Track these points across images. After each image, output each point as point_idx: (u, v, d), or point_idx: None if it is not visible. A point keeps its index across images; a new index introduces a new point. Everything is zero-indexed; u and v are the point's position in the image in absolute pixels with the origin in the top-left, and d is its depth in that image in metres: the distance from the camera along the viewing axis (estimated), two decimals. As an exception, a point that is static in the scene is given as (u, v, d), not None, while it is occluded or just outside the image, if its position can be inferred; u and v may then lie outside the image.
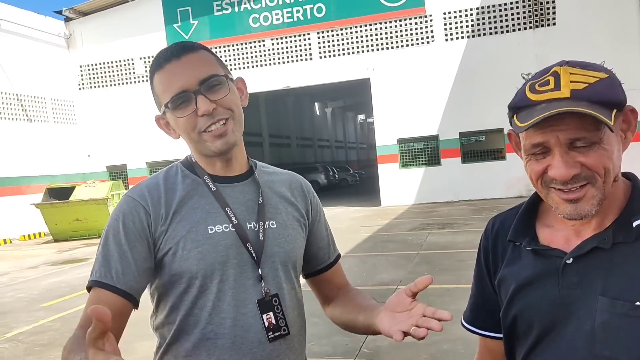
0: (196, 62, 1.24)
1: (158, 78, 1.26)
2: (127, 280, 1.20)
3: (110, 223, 1.25)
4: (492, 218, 1.27)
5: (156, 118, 1.33)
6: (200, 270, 1.22)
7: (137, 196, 1.27)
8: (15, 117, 18.94)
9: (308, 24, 20.00)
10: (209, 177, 1.30)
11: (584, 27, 17.06)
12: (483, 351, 1.33)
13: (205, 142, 1.25)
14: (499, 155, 18.72)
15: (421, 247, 9.91)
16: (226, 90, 1.25)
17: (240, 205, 1.30)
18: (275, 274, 1.30)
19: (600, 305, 1.00)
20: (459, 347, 4.62)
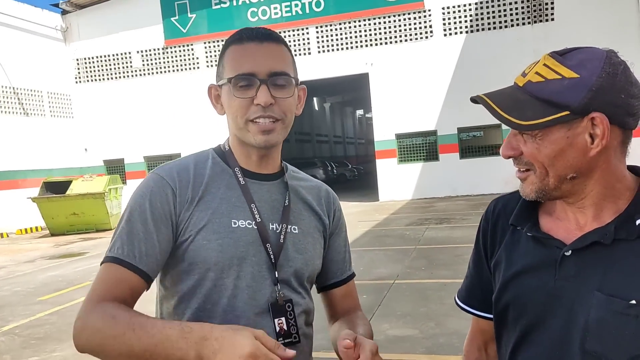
0: (275, 53, 1.23)
1: (233, 50, 1.23)
2: (149, 262, 1.16)
3: (137, 200, 1.20)
4: (494, 200, 1.25)
5: (210, 86, 1.31)
6: (219, 262, 1.19)
7: (166, 175, 1.23)
8: (12, 110, 18.86)
9: (306, 18, 19.95)
10: (239, 170, 1.28)
11: (583, 22, 17.05)
12: (475, 331, 1.32)
13: (248, 131, 1.22)
14: (497, 151, 18.64)
15: (419, 242, 9.92)
16: (290, 92, 1.24)
17: (266, 204, 1.27)
18: (290, 279, 1.27)
19: (597, 301, 0.99)
20: (454, 340, 4.63)
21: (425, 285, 6.71)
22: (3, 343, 5.62)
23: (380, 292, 6.45)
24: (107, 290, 1.12)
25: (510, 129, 1.12)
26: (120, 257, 1.15)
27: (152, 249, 1.16)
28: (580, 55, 1.00)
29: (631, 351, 0.96)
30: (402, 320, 5.39)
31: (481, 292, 1.25)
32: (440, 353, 4.47)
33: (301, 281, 1.30)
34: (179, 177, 1.23)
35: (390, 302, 6.06)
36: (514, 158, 1.05)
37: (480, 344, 1.31)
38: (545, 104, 0.98)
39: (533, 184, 1.04)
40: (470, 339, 1.34)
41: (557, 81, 0.98)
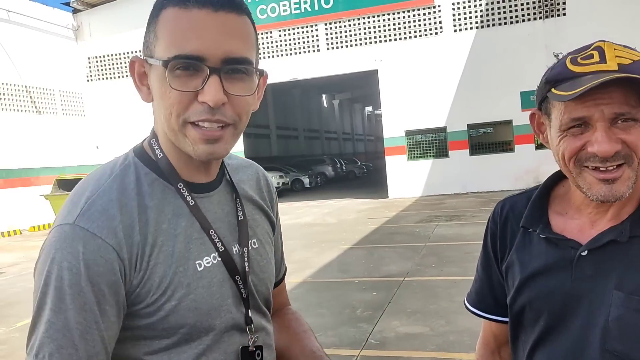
0: (235, 29, 0.87)
1: (173, 17, 0.86)
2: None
3: (63, 277, 0.81)
4: (501, 201, 1.23)
5: (133, 60, 0.93)
6: (196, 323, 0.91)
7: (101, 230, 0.84)
8: (24, 109, 19.04)
9: (316, 15, 19.92)
10: (184, 185, 0.94)
11: (595, 17, 16.86)
12: (488, 335, 1.31)
13: (185, 137, 0.88)
14: (508, 147, 18.62)
15: (428, 239, 9.90)
16: (250, 88, 0.90)
17: (222, 223, 0.98)
18: (258, 308, 1.03)
19: (615, 299, 0.98)
20: (465, 338, 4.62)
21: (435, 283, 6.70)
22: (17, 339, 5.69)
23: (390, 290, 6.45)
24: None
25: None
26: None
27: (98, 345, 0.83)
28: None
29: None
30: (412, 318, 5.39)
31: (491, 295, 1.23)
32: (450, 350, 4.47)
33: (268, 303, 1.09)
34: (120, 226, 0.86)
35: (400, 300, 6.06)
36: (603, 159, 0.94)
37: (494, 347, 1.30)
38: None
39: (629, 179, 0.96)
40: (483, 343, 1.32)
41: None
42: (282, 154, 33.09)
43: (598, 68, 0.94)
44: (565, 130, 0.98)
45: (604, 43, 0.97)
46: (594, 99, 0.93)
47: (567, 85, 0.95)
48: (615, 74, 0.91)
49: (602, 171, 0.96)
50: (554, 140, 1.02)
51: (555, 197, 1.14)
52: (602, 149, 0.93)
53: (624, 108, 0.93)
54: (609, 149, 0.93)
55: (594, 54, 0.96)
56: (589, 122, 0.95)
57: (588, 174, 0.98)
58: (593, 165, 0.96)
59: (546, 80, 1.01)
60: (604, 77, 0.90)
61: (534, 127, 1.11)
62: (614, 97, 0.92)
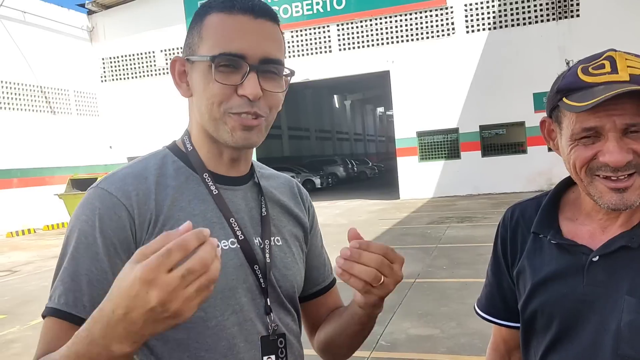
0: (271, 34, 1.00)
1: (219, 20, 0.97)
2: None
3: (80, 228, 0.92)
4: (511, 207, 1.24)
5: (174, 60, 1.04)
6: (209, 299, 0.90)
7: (116, 191, 0.95)
8: (39, 109, 19.27)
9: (328, 16, 19.95)
10: (209, 176, 1.03)
11: (609, 19, 16.71)
12: (497, 341, 1.32)
13: (225, 124, 0.98)
14: (520, 149, 18.50)
15: (440, 240, 9.87)
16: (281, 85, 1.02)
17: (244, 215, 1.05)
18: (281, 302, 1.07)
19: (627, 305, 0.99)
20: (476, 340, 4.61)
21: (446, 285, 6.68)
22: (31, 337, 5.76)
23: (401, 291, 6.44)
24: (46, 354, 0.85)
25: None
26: (62, 308, 0.89)
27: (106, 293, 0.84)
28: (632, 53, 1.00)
29: None
30: (423, 320, 5.38)
31: (502, 300, 1.23)
32: (461, 353, 4.46)
33: (294, 301, 1.11)
34: (135, 192, 0.96)
35: (411, 302, 6.05)
36: (614, 169, 0.95)
37: (503, 352, 1.30)
38: None
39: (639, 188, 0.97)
40: (493, 348, 1.33)
41: None
42: (293, 154, 33.14)
43: (610, 79, 0.95)
44: (576, 139, 0.99)
45: (615, 53, 0.98)
46: (606, 110, 0.93)
47: (579, 96, 0.96)
48: (627, 84, 0.92)
49: (614, 180, 0.97)
50: (565, 149, 1.03)
51: (565, 203, 1.15)
52: (613, 159, 0.94)
53: (635, 119, 0.94)
54: (621, 159, 0.94)
55: (605, 63, 0.97)
56: (600, 132, 0.96)
57: (599, 183, 0.99)
58: (604, 174, 0.97)
59: (557, 89, 1.01)
60: (617, 89, 0.91)
61: (544, 134, 1.12)
62: (626, 108, 0.93)
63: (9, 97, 18.15)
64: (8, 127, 17.76)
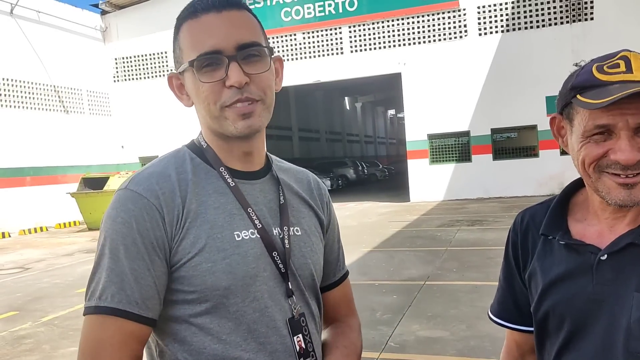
0: (239, 21, 1.03)
1: (188, 28, 1.04)
2: (153, 305, 0.98)
3: (118, 230, 0.98)
4: (521, 212, 1.25)
5: (169, 76, 1.11)
6: (230, 286, 1.01)
7: (146, 192, 1.00)
8: (52, 108, 19.47)
9: (339, 18, 19.96)
10: (225, 170, 1.08)
11: (622, 22, 16.57)
12: (511, 345, 1.32)
13: (226, 119, 1.03)
14: (532, 153, 18.37)
15: (450, 243, 9.83)
16: (265, 65, 1.04)
17: (262, 206, 1.10)
18: (301, 289, 1.12)
19: (637, 301, 0.99)
20: (486, 343, 4.58)
21: (456, 287, 6.65)
22: (42, 333, 5.82)
23: (410, 293, 6.42)
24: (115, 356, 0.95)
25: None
26: (118, 307, 0.95)
27: (151, 289, 0.98)
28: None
29: None
30: (433, 322, 5.36)
31: (514, 305, 1.24)
32: (471, 356, 4.43)
33: (313, 288, 1.16)
34: (161, 191, 1.01)
35: (420, 303, 6.03)
36: (624, 167, 0.97)
37: (517, 356, 1.31)
38: None
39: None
40: (507, 352, 1.33)
41: None
42: (303, 155, 33.17)
43: (625, 78, 0.96)
44: (588, 136, 1.00)
45: (630, 53, 0.99)
46: (620, 109, 0.94)
47: (593, 93, 0.97)
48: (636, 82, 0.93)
49: (622, 177, 0.98)
50: (575, 145, 1.04)
51: (574, 205, 1.16)
52: (625, 157, 0.95)
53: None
54: (633, 158, 0.95)
55: (620, 63, 0.98)
56: (612, 130, 0.97)
57: (607, 179, 1.00)
58: (613, 171, 0.98)
59: (572, 86, 1.02)
60: (633, 88, 0.92)
61: (554, 131, 1.13)
62: (639, 107, 0.94)
63: (23, 96, 18.35)
64: (22, 125, 17.96)
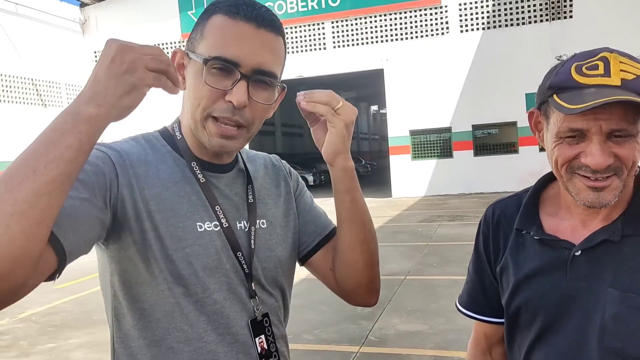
0: (270, 46, 1.01)
1: (222, 24, 0.99)
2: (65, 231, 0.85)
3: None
4: (492, 205, 1.26)
5: (175, 51, 1.05)
6: (190, 276, 1.00)
7: (109, 150, 1.00)
8: (30, 101, 19.12)
9: (322, 13, 19.92)
10: (197, 164, 1.06)
11: (602, 20, 16.81)
12: (479, 336, 1.33)
13: (204, 129, 1.01)
14: (512, 149, 18.59)
15: (431, 238, 9.92)
16: (270, 98, 1.04)
17: (228, 201, 1.09)
18: (264, 286, 1.10)
19: (611, 297, 1.00)
20: (464, 336, 4.64)
21: (436, 282, 6.72)
22: (20, 330, 5.74)
23: (391, 288, 6.47)
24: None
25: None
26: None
27: (83, 217, 0.87)
28: (625, 52, 1.00)
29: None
30: (412, 316, 5.42)
31: (484, 297, 1.25)
32: (449, 349, 4.49)
33: (277, 283, 1.14)
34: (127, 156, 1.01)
35: (400, 298, 6.08)
36: (594, 170, 0.97)
37: (485, 347, 1.32)
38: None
39: (616, 189, 0.99)
40: (475, 344, 1.35)
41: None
42: (286, 151, 33.09)
43: (601, 82, 0.95)
44: (562, 137, 1.01)
45: (610, 54, 0.98)
46: (594, 114, 0.94)
47: (569, 95, 0.97)
48: (617, 90, 0.93)
49: (592, 180, 0.99)
50: (549, 144, 1.05)
51: (545, 199, 1.16)
52: (595, 161, 0.96)
53: (621, 124, 0.95)
54: (602, 162, 0.96)
55: (599, 64, 0.97)
56: (585, 134, 0.98)
57: (578, 180, 1.01)
58: (584, 174, 0.99)
59: (550, 85, 1.02)
60: (608, 97, 0.91)
61: (532, 125, 1.14)
62: (613, 113, 0.94)
63: (0, 89, 17.99)
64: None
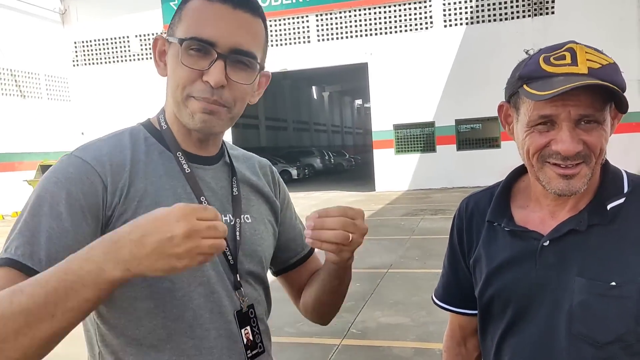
0: (247, 26, 1.01)
1: (198, 6, 1.00)
2: None
3: (48, 188, 0.93)
4: (465, 198, 1.28)
5: (156, 38, 1.07)
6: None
7: (92, 159, 0.97)
8: (8, 92, 18.77)
9: (307, 6, 19.83)
10: (182, 155, 1.06)
11: (583, 17, 17.00)
12: (454, 328, 1.36)
13: (186, 107, 1.01)
14: (495, 144, 18.75)
15: (413, 232, 9.98)
16: (249, 78, 1.03)
17: (214, 194, 1.09)
18: (248, 279, 1.11)
19: (578, 285, 1.03)
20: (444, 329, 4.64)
21: (418, 275, 6.77)
22: None
23: (373, 281, 6.50)
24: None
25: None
26: (18, 259, 0.87)
27: (63, 251, 0.87)
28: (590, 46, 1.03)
29: (616, 330, 1.00)
30: (394, 309, 5.45)
31: (458, 289, 1.28)
32: (430, 340, 4.53)
33: (260, 277, 1.15)
34: (110, 161, 0.98)
35: (382, 291, 6.12)
36: (564, 157, 1.00)
37: (460, 339, 1.35)
38: (615, 88, 0.97)
39: (585, 177, 1.02)
40: (450, 335, 1.37)
41: (609, 66, 0.99)
42: (270, 144, 33.00)
43: (569, 70, 0.98)
44: (532, 126, 1.03)
45: (576, 45, 1.01)
46: (562, 100, 0.97)
47: (539, 84, 0.99)
48: (585, 77, 0.96)
49: (562, 167, 1.01)
50: (520, 134, 1.07)
51: (516, 192, 1.19)
52: (565, 147, 0.99)
53: (589, 110, 0.98)
54: (572, 149, 0.99)
55: (566, 55, 1.00)
56: (555, 121, 1.00)
57: (549, 169, 1.03)
58: (554, 161, 1.02)
59: (519, 76, 1.04)
60: (577, 82, 0.94)
61: (501, 118, 1.16)
62: (581, 99, 0.97)
63: (-22, 79, 17.64)
64: (-24, 110, 17.27)
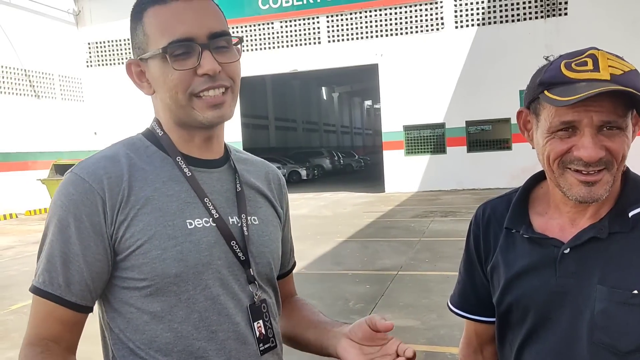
0: (208, 10, 1.03)
1: (155, 14, 1.01)
2: (77, 291, 0.99)
3: (57, 214, 1.00)
4: (482, 205, 1.27)
5: (129, 63, 1.08)
6: (181, 273, 1.01)
7: (89, 176, 1.00)
8: (23, 92, 18.97)
9: (318, 7, 19.86)
10: (182, 159, 1.07)
11: (596, 18, 16.87)
12: (470, 335, 1.34)
13: (193, 109, 1.02)
14: (505, 146, 18.65)
15: (423, 234, 9.96)
16: (235, 55, 1.06)
17: (219, 195, 1.09)
18: (260, 276, 1.12)
19: (599, 294, 1.02)
20: (455, 332, 4.67)
21: (428, 277, 6.75)
22: (11, 321, 5.73)
23: (383, 283, 6.50)
24: (35, 329, 1.00)
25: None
26: (41, 287, 0.99)
27: (78, 274, 0.98)
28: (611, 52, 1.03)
29: (638, 339, 1.00)
30: (404, 311, 5.44)
31: (475, 296, 1.26)
32: (441, 344, 4.52)
33: (270, 278, 1.15)
34: (107, 175, 1.00)
35: (393, 293, 6.11)
36: (586, 164, 0.98)
37: (476, 346, 1.33)
38: (638, 94, 0.95)
39: (607, 183, 1.00)
40: (466, 343, 1.36)
41: (631, 73, 0.98)
42: (280, 145, 33.06)
43: (592, 76, 0.97)
44: (553, 132, 1.02)
45: (598, 52, 1.00)
46: (585, 106, 0.96)
47: (560, 90, 0.98)
48: (607, 83, 0.95)
49: (584, 174, 1.00)
50: (541, 140, 1.05)
51: (534, 199, 1.18)
52: (587, 154, 0.97)
53: (611, 117, 0.97)
54: (595, 155, 0.97)
55: (588, 61, 0.99)
56: (577, 127, 0.99)
57: (570, 175, 1.02)
58: (576, 168, 1.00)
59: (540, 82, 1.03)
60: (600, 88, 0.93)
61: (520, 124, 1.14)
62: (604, 105, 0.96)
63: (-8, 79, 17.84)
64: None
